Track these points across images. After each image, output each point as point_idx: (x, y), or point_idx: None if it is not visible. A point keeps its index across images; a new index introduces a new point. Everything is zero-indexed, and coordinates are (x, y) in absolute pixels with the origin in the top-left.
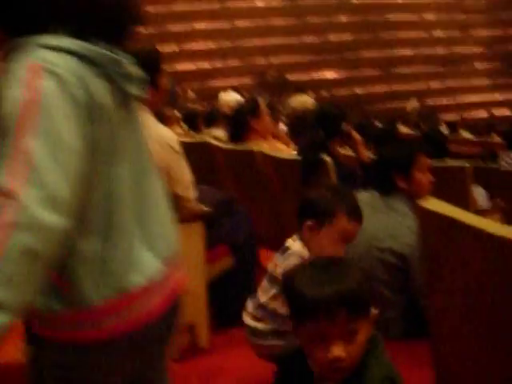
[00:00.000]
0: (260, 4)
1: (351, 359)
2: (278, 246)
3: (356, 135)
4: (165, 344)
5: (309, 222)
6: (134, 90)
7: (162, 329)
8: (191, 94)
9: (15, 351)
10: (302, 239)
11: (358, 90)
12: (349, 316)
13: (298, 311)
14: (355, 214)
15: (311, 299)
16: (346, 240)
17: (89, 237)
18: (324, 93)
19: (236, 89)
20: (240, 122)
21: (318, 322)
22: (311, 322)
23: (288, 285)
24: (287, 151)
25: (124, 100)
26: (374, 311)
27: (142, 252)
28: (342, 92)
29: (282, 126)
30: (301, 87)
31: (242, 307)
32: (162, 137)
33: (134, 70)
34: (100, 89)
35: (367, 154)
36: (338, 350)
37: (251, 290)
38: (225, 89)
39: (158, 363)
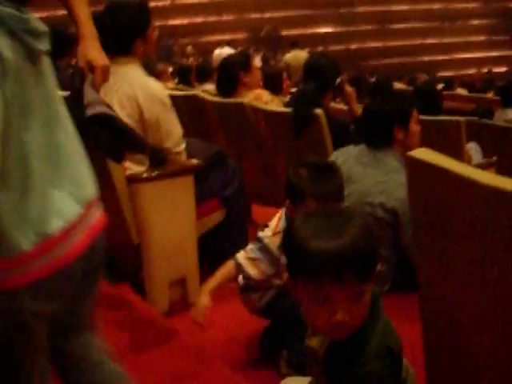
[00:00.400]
0: None
1: (355, 320)
2: (270, 201)
3: (349, 88)
4: (89, 282)
5: (287, 202)
6: (40, 45)
7: (85, 268)
8: (190, 50)
9: None
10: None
11: (353, 46)
12: (357, 278)
13: (299, 268)
14: (324, 199)
15: (317, 258)
16: None
17: (6, 189)
18: (319, 48)
19: (230, 44)
20: (230, 75)
21: (322, 283)
22: (315, 282)
23: (290, 238)
24: (275, 103)
25: (30, 55)
26: (378, 267)
27: (60, 198)
28: (337, 47)
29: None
30: (295, 42)
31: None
32: (152, 90)
33: (40, 25)
34: (4, 45)
35: (360, 108)
36: (342, 314)
37: (243, 244)
38: (219, 43)
39: (84, 301)
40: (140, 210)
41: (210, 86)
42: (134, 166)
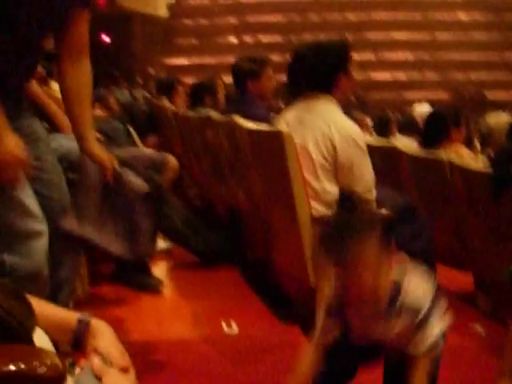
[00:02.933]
0: (462, 17)
1: None
2: (456, 264)
3: None
4: None
5: None
6: None
7: None
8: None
9: None
10: None
11: None
12: None
13: None
14: None
15: None
16: None
17: None
18: None
19: (431, 102)
20: (439, 129)
21: None
22: None
23: None
24: (476, 162)
25: None
26: None
27: None
28: None
29: (476, 143)
30: (499, 105)
31: None
32: (348, 131)
33: None
34: None
35: None
36: None
37: None
38: (419, 101)
39: None
40: None
41: (407, 139)
42: (320, 207)
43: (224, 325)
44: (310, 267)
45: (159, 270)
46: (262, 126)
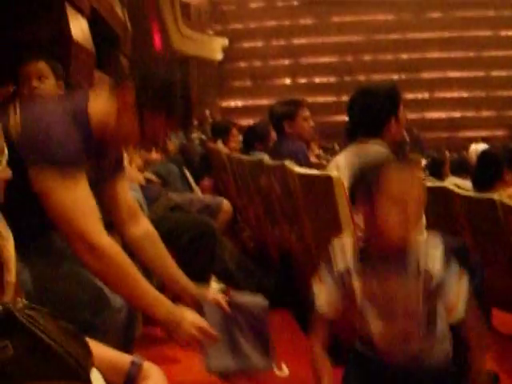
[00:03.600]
0: None
1: None
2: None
3: None
4: None
5: None
6: None
7: None
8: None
9: None
10: None
11: None
12: None
13: None
14: None
15: None
16: None
17: None
18: None
19: (487, 140)
20: (491, 170)
21: None
22: None
23: None
24: None
25: None
26: None
27: None
28: None
29: None
30: None
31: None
32: None
33: None
34: None
35: None
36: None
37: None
38: (475, 140)
39: None
40: None
41: (462, 180)
42: None
43: (275, 367)
44: None
45: None
46: (312, 171)
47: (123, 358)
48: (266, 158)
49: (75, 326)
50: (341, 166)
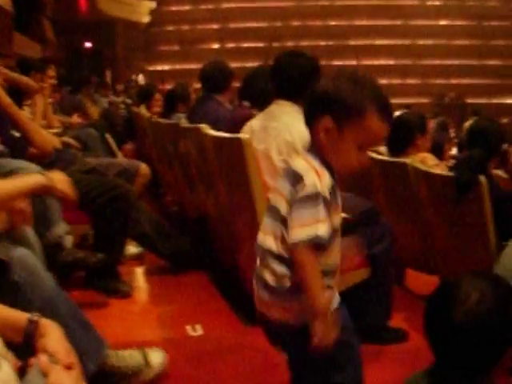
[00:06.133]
0: (443, 23)
1: None
2: (425, 267)
3: None
4: None
5: (326, 121)
6: None
7: None
8: None
9: None
10: (313, 146)
11: None
12: None
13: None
14: (387, 112)
15: None
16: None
17: None
18: (504, 120)
19: (411, 107)
20: (405, 136)
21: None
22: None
23: None
24: (440, 168)
25: None
26: None
27: None
28: None
29: (454, 151)
30: (477, 111)
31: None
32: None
33: None
34: None
35: None
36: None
37: (384, 305)
38: (401, 107)
39: None
40: None
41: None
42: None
43: (189, 328)
44: None
45: (130, 275)
46: (224, 134)
47: (20, 316)
48: (183, 120)
49: None
50: (256, 129)
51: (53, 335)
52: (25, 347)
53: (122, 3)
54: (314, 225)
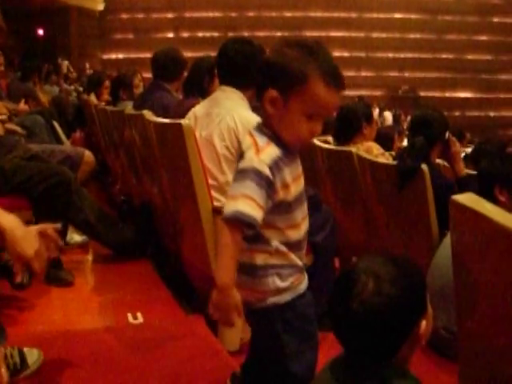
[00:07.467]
0: (398, 16)
1: None
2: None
3: (457, 148)
4: None
5: (270, 93)
6: None
7: None
8: None
9: None
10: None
11: (492, 113)
12: None
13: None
14: (333, 78)
15: None
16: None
17: None
18: (456, 112)
19: (364, 99)
20: (351, 124)
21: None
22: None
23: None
24: (384, 157)
25: None
26: None
27: None
28: (475, 113)
29: (405, 142)
30: (431, 104)
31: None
32: (250, 122)
33: None
34: None
35: (462, 167)
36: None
37: (326, 293)
38: (354, 98)
39: None
40: None
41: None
42: (222, 198)
43: (130, 316)
44: (211, 257)
45: (72, 263)
46: (166, 120)
47: None
48: (128, 108)
49: None
50: (199, 116)
51: None
52: None
53: None
54: (240, 199)
